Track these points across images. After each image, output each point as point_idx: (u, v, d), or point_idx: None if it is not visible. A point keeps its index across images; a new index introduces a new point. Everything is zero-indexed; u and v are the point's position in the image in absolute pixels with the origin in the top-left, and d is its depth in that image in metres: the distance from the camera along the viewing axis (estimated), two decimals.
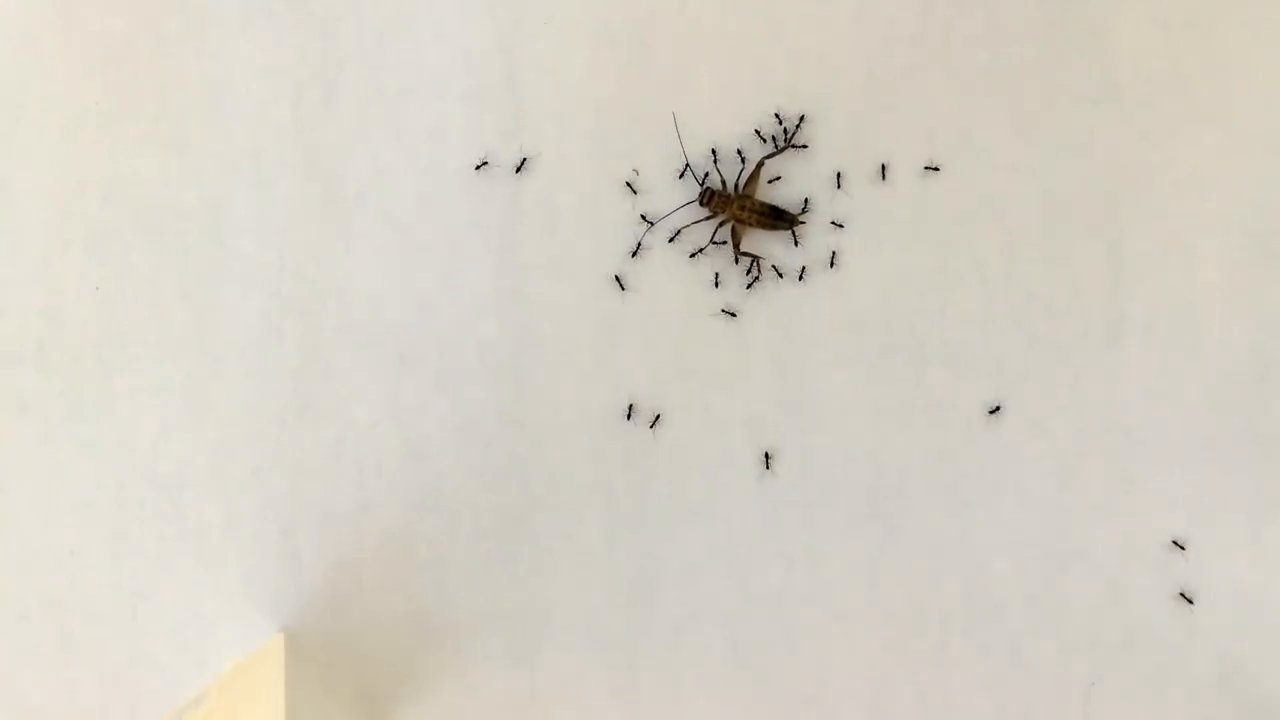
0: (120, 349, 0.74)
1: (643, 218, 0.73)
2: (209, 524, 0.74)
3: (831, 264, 0.73)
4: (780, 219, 0.72)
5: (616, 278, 0.73)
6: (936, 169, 0.72)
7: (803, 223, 0.73)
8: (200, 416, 0.74)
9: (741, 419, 0.73)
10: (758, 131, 0.73)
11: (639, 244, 0.73)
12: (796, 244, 0.73)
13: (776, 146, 0.73)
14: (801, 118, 0.73)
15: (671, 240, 0.73)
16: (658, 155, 0.73)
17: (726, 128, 0.73)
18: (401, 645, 0.74)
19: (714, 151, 0.73)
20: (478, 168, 0.74)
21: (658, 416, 0.73)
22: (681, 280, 0.74)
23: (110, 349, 0.74)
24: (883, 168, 0.73)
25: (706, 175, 0.73)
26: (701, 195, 0.72)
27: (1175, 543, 0.72)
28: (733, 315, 0.73)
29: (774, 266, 0.73)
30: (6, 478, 0.74)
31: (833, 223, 0.73)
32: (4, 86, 0.74)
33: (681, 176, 0.73)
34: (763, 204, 0.73)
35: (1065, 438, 0.73)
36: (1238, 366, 0.72)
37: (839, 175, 0.73)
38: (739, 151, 0.73)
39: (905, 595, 0.73)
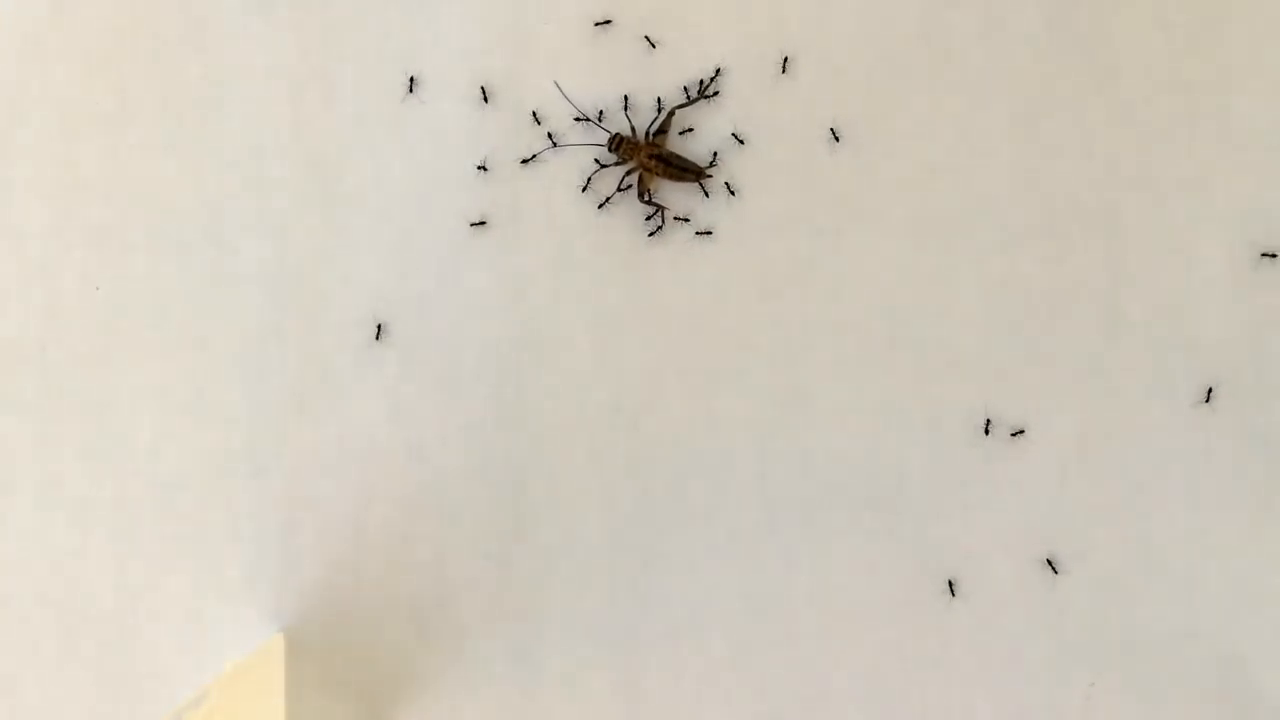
0: (120, 349, 0.74)
1: (549, 136, 0.73)
2: (209, 524, 0.74)
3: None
4: (687, 170, 0.72)
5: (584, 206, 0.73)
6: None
7: (709, 175, 0.73)
8: (200, 416, 0.74)
9: (741, 419, 0.73)
10: (685, 88, 0.73)
11: (533, 155, 0.73)
12: (707, 195, 0.73)
13: (689, 98, 0.73)
14: (718, 70, 0.73)
15: (584, 190, 0.73)
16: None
17: (727, 128, 0.73)
18: (401, 645, 0.74)
19: (625, 98, 0.73)
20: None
21: None
22: (680, 280, 0.74)
23: (110, 349, 0.74)
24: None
25: (601, 114, 0.73)
26: (610, 141, 0.72)
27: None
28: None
29: (677, 217, 0.73)
30: (6, 478, 0.74)
31: (698, 232, 0.73)
32: (4, 86, 0.74)
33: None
34: (671, 154, 0.73)
35: (1065, 438, 0.73)
36: (1238, 366, 0.72)
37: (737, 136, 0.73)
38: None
39: (905, 595, 0.73)
